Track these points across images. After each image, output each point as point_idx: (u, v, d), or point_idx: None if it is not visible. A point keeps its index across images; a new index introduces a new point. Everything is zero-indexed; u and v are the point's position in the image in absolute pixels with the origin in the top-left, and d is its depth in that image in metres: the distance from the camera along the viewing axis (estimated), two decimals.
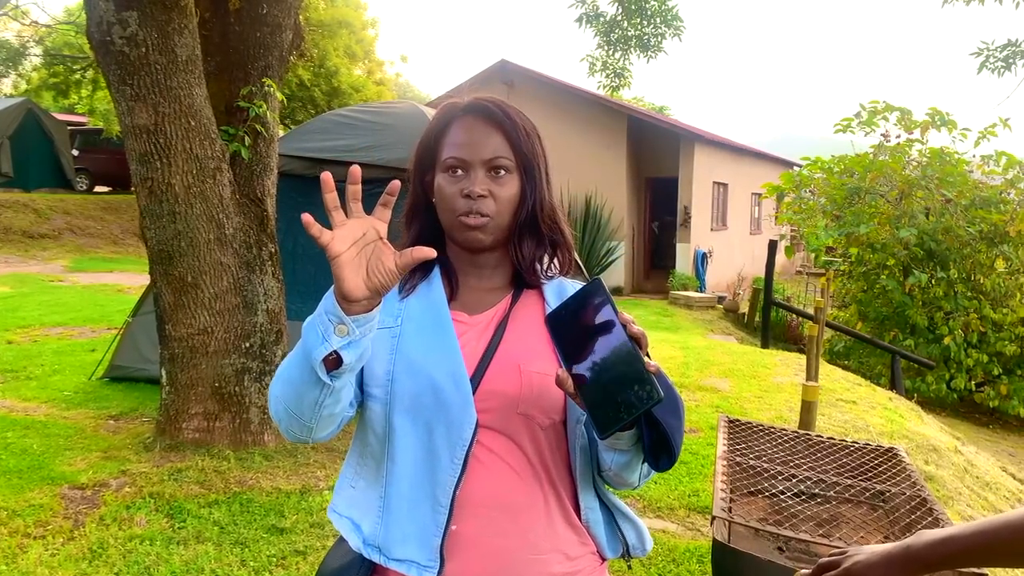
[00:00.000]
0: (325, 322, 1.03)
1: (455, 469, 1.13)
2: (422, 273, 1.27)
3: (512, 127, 1.22)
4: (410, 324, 1.20)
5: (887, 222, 10.30)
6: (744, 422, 2.35)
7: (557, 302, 1.27)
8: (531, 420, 1.17)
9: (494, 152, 1.20)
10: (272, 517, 3.42)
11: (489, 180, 1.20)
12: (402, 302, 1.24)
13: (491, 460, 1.16)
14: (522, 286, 1.29)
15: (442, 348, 1.17)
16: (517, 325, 1.23)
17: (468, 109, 1.24)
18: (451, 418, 1.13)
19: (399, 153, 5.37)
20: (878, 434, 5.52)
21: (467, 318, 1.23)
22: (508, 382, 1.16)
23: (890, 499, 1.82)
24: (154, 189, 3.80)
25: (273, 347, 4.25)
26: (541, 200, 1.25)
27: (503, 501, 1.16)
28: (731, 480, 1.86)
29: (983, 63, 6.86)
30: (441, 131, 1.25)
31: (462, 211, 1.19)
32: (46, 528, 3.22)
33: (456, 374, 1.15)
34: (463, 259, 1.28)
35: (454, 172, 1.21)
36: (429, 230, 1.28)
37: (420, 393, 1.15)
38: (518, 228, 1.25)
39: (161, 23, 3.56)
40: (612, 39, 6.60)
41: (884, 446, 2.18)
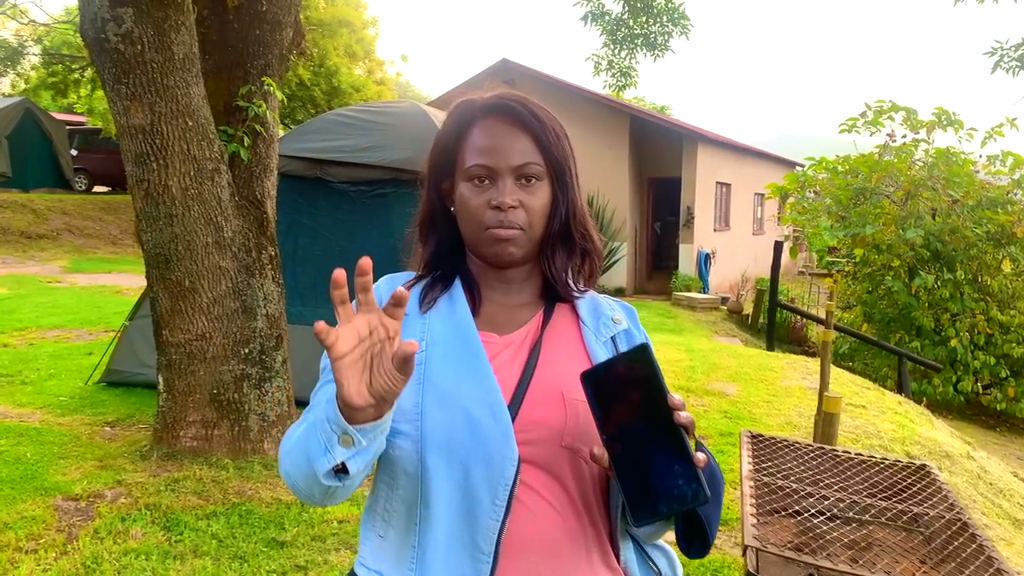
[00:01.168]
0: (328, 431, 0.91)
1: (497, 512, 1.00)
2: (443, 286, 1.15)
3: (541, 129, 1.10)
4: (436, 348, 1.08)
5: (892, 223, 10.20)
6: (767, 437, 2.24)
7: (592, 320, 1.17)
8: (576, 453, 1.05)
9: (523, 158, 1.09)
10: (272, 530, 3.32)
11: (519, 189, 1.09)
12: (424, 319, 1.11)
13: (532, 499, 1.04)
14: (553, 300, 1.17)
15: (475, 375, 1.05)
16: (553, 345, 1.12)
17: (491, 109, 1.12)
18: (490, 455, 1.01)
19: (401, 153, 5.28)
20: (890, 440, 5.42)
21: (497, 338, 1.11)
22: (551, 411, 1.05)
23: (927, 523, 1.72)
24: (150, 191, 3.69)
25: (273, 352, 4.14)
26: (574, 207, 1.15)
27: (547, 545, 1.04)
28: (758, 501, 1.76)
29: (997, 62, 6.75)
30: (461, 134, 1.13)
31: (491, 224, 1.08)
32: (38, 542, 3.12)
33: (494, 404, 1.02)
34: (487, 273, 1.16)
35: (480, 181, 1.09)
36: (448, 242, 1.17)
37: (454, 428, 1.02)
38: (550, 239, 1.14)
39: (157, 20, 3.46)
40: (618, 37, 6.50)
41: (915, 463, 2.09)
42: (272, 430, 4.13)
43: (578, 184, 1.16)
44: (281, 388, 4.19)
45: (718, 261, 16.94)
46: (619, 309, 1.22)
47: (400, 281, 1.18)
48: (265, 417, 4.10)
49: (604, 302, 1.21)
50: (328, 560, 3.09)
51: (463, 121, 1.13)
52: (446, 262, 1.17)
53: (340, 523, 3.43)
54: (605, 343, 1.15)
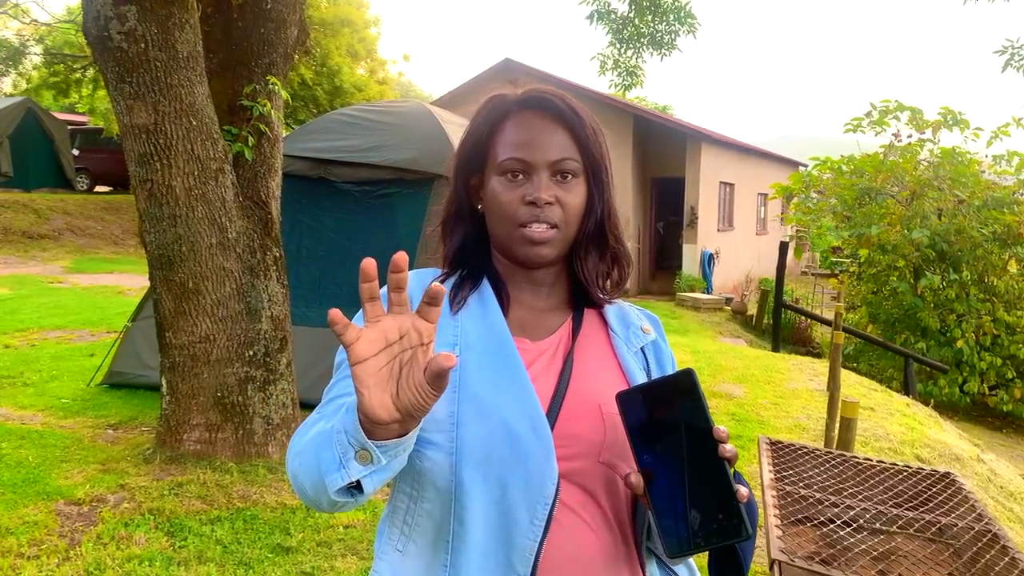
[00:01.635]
0: (344, 444, 0.82)
1: (536, 532, 0.94)
2: (471, 284, 1.09)
3: (579, 124, 1.05)
4: (471, 354, 1.01)
5: (898, 223, 10.15)
6: (786, 444, 2.20)
7: (622, 329, 1.12)
8: (613, 470, 1.00)
9: (561, 153, 1.04)
10: (277, 535, 3.27)
11: (555, 185, 1.04)
12: (455, 321, 1.05)
13: (568, 518, 0.98)
14: (582, 306, 1.12)
15: (514, 385, 0.99)
16: (585, 356, 1.07)
17: (527, 103, 1.07)
18: (530, 472, 0.95)
19: (405, 153, 5.23)
20: (899, 443, 5.37)
21: (530, 345, 1.06)
22: (588, 425, 0.99)
23: (956, 534, 1.67)
24: (154, 191, 3.64)
25: (278, 355, 4.10)
26: (609, 208, 1.10)
27: (583, 566, 0.98)
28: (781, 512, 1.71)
29: (1008, 61, 6.70)
30: (494, 128, 1.08)
31: (524, 220, 1.02)
32: (40, 547, 3.07)
33: (535, 418, 0.96)
34: (516, 274, 1.11)
35: (513, 176, 1.04)
36: (473, 240, 1.12)
37: (493, 442, 0.96)
38: (583, 239, 1.08)
39: (161, 18, 3.41)
40: (624, 36, 6.45)
41: (939, 471, 2.04)
42: (277, 433, 4.08)
43: (612, 184, 1.12)
44: (286, 391, 4.14)
45: (722, 261, 16.89)
46: (646, 319, 1.18)
47: (428, 277, 1.13)
48: (270, 420, 4.05)
49: (631, 311, 1.17)
50: (335, 567, 3.04)
51: (496, 115, 1.08)
52: (471, 261, 1.12)
53: (346, 528, 3.38)
54: (636, 353, 1.11)
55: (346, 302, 5.20)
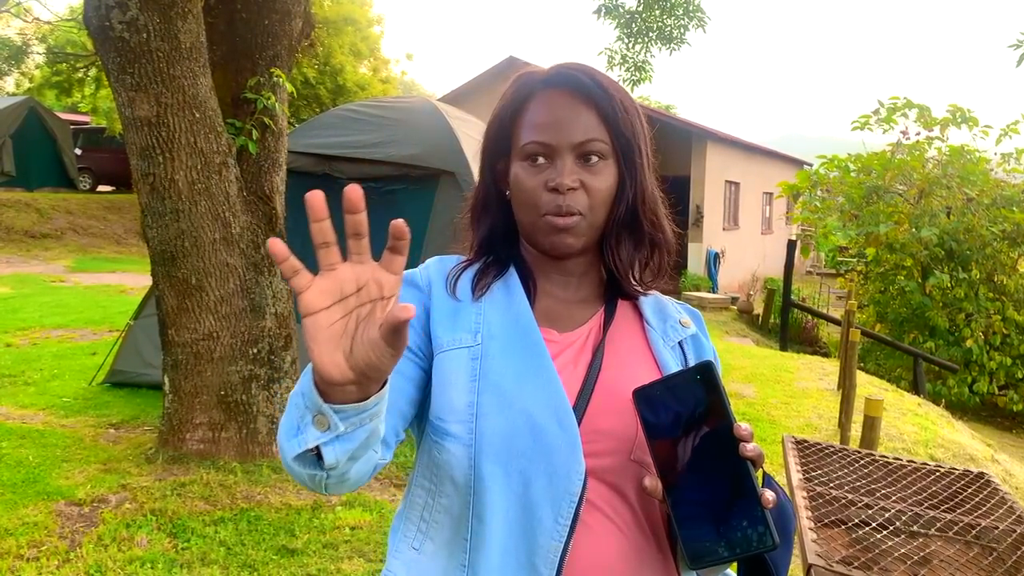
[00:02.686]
0: (301, 407, 0.75)
1: (560, 532, 0.88)
2: (496, 271, 1.02)
3: (608, 101, 0.97)
4: (494, 342, 0.95)
5: (906, 221, 10.06)
6: (811, 443, 2.12)
7: (659, 322, 1.04)
8: (645, 468, 0.92)
9: (585, 134, 0.96)
10: (282, 537, 3.19)
11: (580, 168, 0.96)
12: (478, 307, 0.98)
13: (595, 519, 0.91)
14: (615, 297, 1.05)
15: (539, 376, 0.92)
16: (617, 348, 0.99)
17: (551, 81, 0.99)
18: (555, 467, 0.88)
19: (411, 149, 5.15)
20: (913, 443, 5.29)
21: (557, 336, 0.99)
22: (619, 420, 0.92)
23: (997, 538, 1.58)
24: (156, 185, 3.57)
25: (282, 353, 4.02)
26: (643, 192, 1.01)
27: (611, 570, 0.91)
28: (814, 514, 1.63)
29: (1023, 55, 6.62)
30: (518, 109, 1.00)
31: (548, 209, 0.95)
32: (40, 549, 3.00)
33: (560, 409, 0.90)
34: (543, 263, 1.04)
35: (535, 160, 0.96)
36: (501, 228, 1.04)
37: (514, 434, 0.90)
38: (614, 227, 1.01)
39: (163, 7, 3.33)
40: (632, 31, 6.37)
41: (973, 471, 1.96)
42: None
43: (651, 166, 1.04)
44: (290, 389, 4.06)
45: (727, 261, 16.80)
46: (686, 313, 1.10)
47: (450, 263, 1.06)
48: (274, 419, 3.98)
49: (670, 304, 1.10)
50: (340, 569, 2.97)
51: (521, 95, 1.01)
52: (499, 249, 1.05)
53: (352, 530, 3.30)
54: (673, 348, 1.03)
55: None
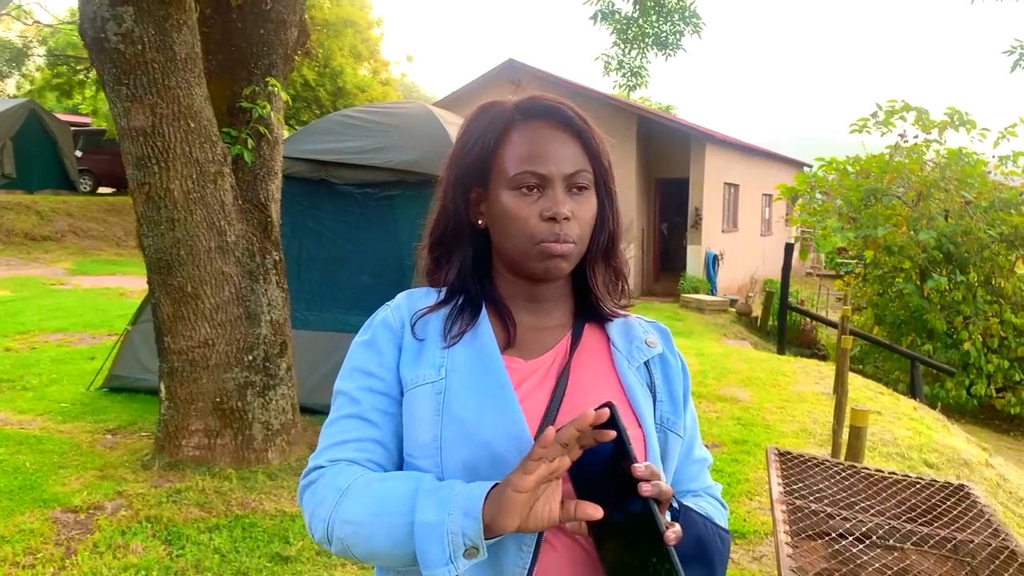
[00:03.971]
0: (458, 541, 0.85)
1: (524, 559, 0.91)
2: (469, 317, 1.04)
3: (589, 134, 1.01)
4: (456, 376, 0.98)
5: (904, 224, 10.08)
6: (795, 455, 2.14)
7: (625, 343, 1.07)
8: None
9: (575, 165, 0.99)
10: (276, 544, 3.22)
11: (570, 199, 0.99)
12: (446, 351, 1.01)
13: (561, 542, 0.94)
14: (582, 321, 1.08)
15: (499, 406, 0.95)
16: (581, 372, 1.02)
17: (532, 112, 1.02)
18: None
19: (408, 155, 5.18)
20: (907, 447, 5.30)
21: (522, 364, 1.01)
22: None
23: (973, 551, 1.61)
24: (152, 195, 3.59)
25: (277, 359, 4.05)
26: (619, 220, 1.06)
27: None
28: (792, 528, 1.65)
29: (1017, 61, 6.63)
30: (498, 140, 1.02)
31: (545, 237, 0.97)
32: (35, 556, 3.03)
33: (521, 440, 0.93)
34: (518, 292, 1.06)
35: (529, 190, 0.99)
36: (471, 260, 1.07)
37: (477, 466, 0.93)
38: (596, 253, 1.05)
39: (159, 19, 3.36)
40: (628, 36, 6.39)
41: (953, 483, 1.98)
42: (276, 439, 4.03)
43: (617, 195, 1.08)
44: (286, 396, 4.09)
45: (726, 262, 16.82)
46: (653, 331, 1.13)
47: (421, 300, 1.08)
48: (269, 426, 4.00)
49: (637, 323, 1.12)
50: None
51: (499, 125, 1.03)
52: (472, 284, 1.06)
53: None
54: (638, 368, 1.06)
55: (347, 306, 5.16)
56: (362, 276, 5.18)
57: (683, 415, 1.07)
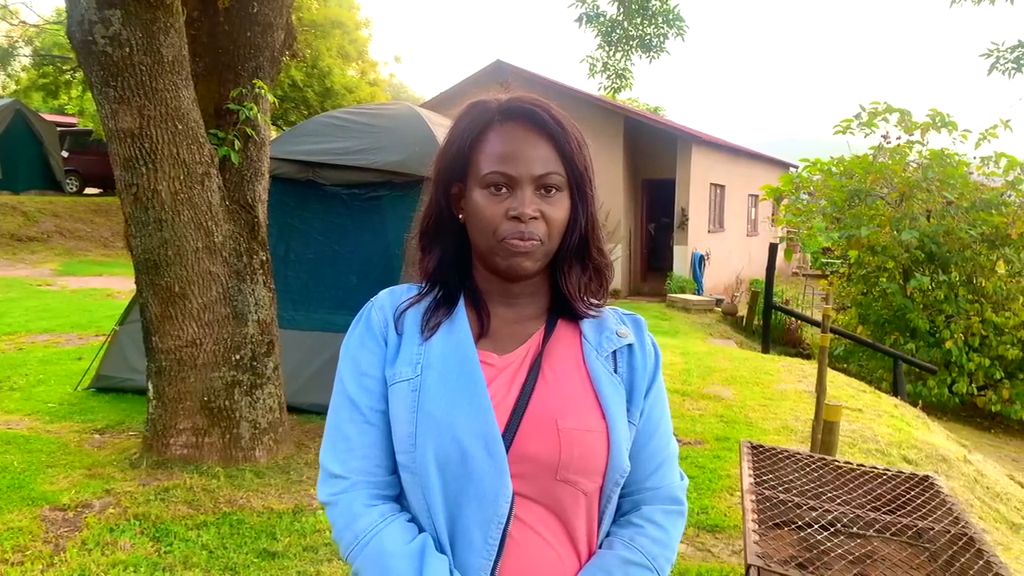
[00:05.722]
0: None
1: (489, 551, 0.96)
2: (447, 309, 1.08)
3: (564, 137, 1.05)
4: (431, 372, 1.02)
5: (887, 224, 10.19)
6: (767, 448, 2.21)
7: (595, 335, 1.11)
8: (573, 486, 1.01)
9: (545, 167, 1.03)
10: (263, 540, 3.26)
11: (539, 199, 1.03)
12: (424, 345, 1.05)
13: (525, 536, 0.99)
14: (556, 316, 1.12)
15: (470, 403, 1.00)
16: (552, 366, 1.07)
17: (511, 113, 1.06)
18: (483, 491, 0.97)
19: (395, 156, 5.23)
20: (886, 444, 5.39)
21: (496, 359, 1.06)
22: (544, 443, 1.00)
23: (933, 537, 1.68)
24: (139, 196, 3.63)
25: (264, 359, 4.09)
26: (593, 221, 1.09)
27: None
28: (759, 516, 1.72)
29: (993, 64, 6.74)
30: (476, 138, 1.06)
31: (508, 234, 1.02)
32: (24, 554, 3.06)
33: (489, 437, 0.97)
34: (494, 287, 1.10)
35: (497, 189, 1.03)
36: (453, 252, 1.11)
37: (448, 461, 0.98)
38: (567, 253, 1.08)
39: (146, 22, 3.39)
40: (613, 39, 6.46)
41: (918, 474, 2.05)
42: (264, 437, 4.07)
43: (596, 196, 1.11)
44: (273, 395, 4.13)
45: (712, 263, 16.93)
46: (627, 321, 1.16)
47: (401, 295, 1.13)
48: (257, 424, 4.04)
49: (612, 315, 1.16)
50: (320, 572, 3.04)
51: (479, 124, 1.07)
52: (451, 275, 1.11)
53: None
54: (606, 358, 1.10)
55: (334, 306, 5.21)
56: (349, 276, 5.22)
57: (641, 404, 1.10)
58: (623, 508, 1.10)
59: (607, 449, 1.02)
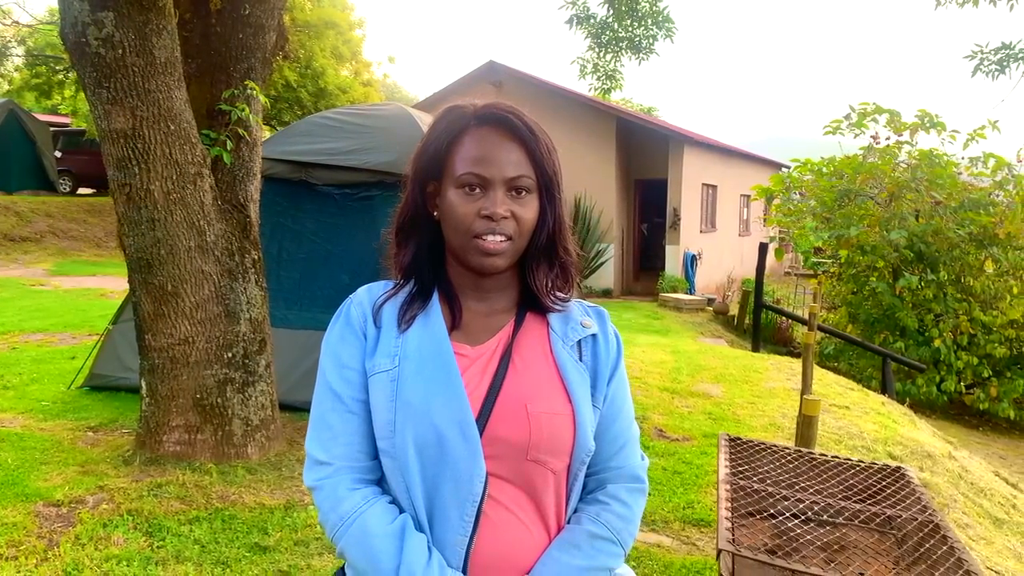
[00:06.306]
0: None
1: (465, 528, 1.04)
2: (421, 302, 1.15)
3: (534, 142, 1.11)
4: (408, 363, 1.09)
5: (877, 224, 10.28)
6: (745, 440, 2.27)
7: (561, 326, 1.18)
8: (543, 466, 1.08)
9: (516, 170, 1.10)
10: (255, 535, 3.31)
11: (509, 200, 1.10)
12: (400, 338, 1.12)
13: (500, 515, 1.07)
14: (526, 309, 1.19)
15: (446, 391, 1.06)
16: (521, 355, 1.14)
17: (485, 119, 1.13)
18: (459, 473, 1.04)
19: (386, 156, 5.28)
20: (872, 441, 5.46)
21: (469, 350, 1.13)
22: (515, 427, 1.07)
23: (900, 525, 1.74)
24: (132, 195, 3.67)
25: (256, 357, 4.13)
26: (560, 222, 1.16)
27: (515, 562, 1.07)
28: (734, 505, 1.77)
29: (977, 66, 6.82)
30: (452, 140, 1.13)
31: (480, 232, 1.09)
32: (18, 548, 3.10)
33: (463, 422, 1.04)
34: (467, 282, 1.17)
35: (471, 189, 1.10)
36: (427, 247, 1.18)
37: (425, 445, 1.05)
38: (535, 251, 1.15)
39: (138, 24, 3.44)
40: (603, 41, 6.52)
41: (891, 466, 2.11)
42: (256, 434, 4.12)
43: (563, 199, 1.18)
44: (265, 392, 4.18)
45: (704, 262, 17.01)
46: (591, 313, 1.23)
47: (378, 290, 1.19)
48: (249, 421, 4.09)
49: (577, 307, 1.22)
50: (311, 565, 3.09)
51: (455, 128, 1.13)
52: (426, 269, 1.17)
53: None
54: (572, 347, 1.17)
55: (327, 305, 5.25)
56: (341, 275, 5.26)
57: (604, 390, 1.17)
58: (589, 487, 1.17)
59: (573, 430, 1.08)
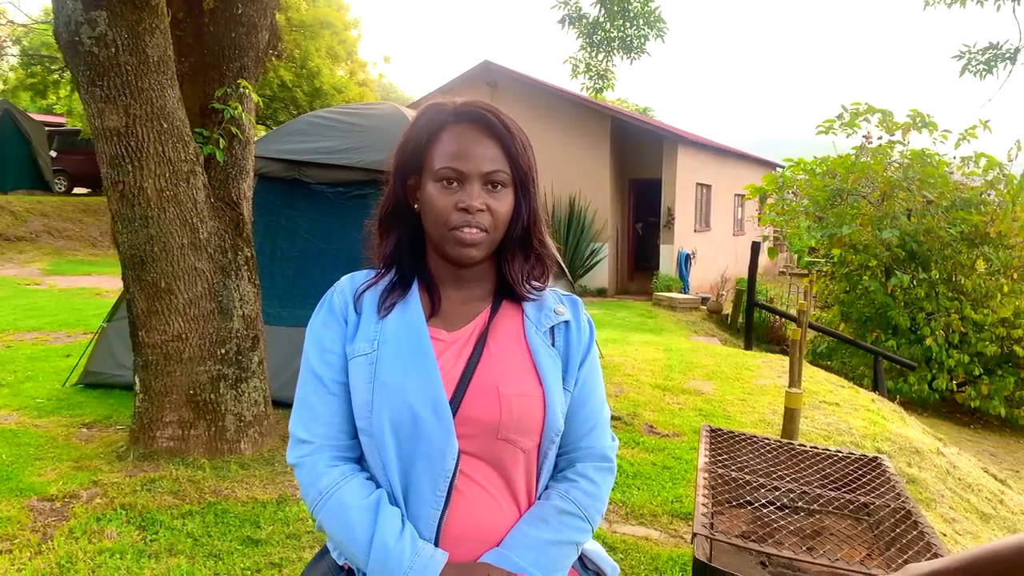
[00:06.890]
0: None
1: (437, 502, 1.09)
2: (401, 290, 1.21)
3: (510, 139, 1.17)
4: (387, 347, 1.15)
5: (869, 223, 10.34)
6: (726, 432, 2.31)
7: (535, 313, 1.24)
8: (513, 444, 1.13)
9: (492, 165, 1.15)
10: (247, 528, 3.34)
11: (485, 194, 1.15)
12: (380, 323, 1.18)
13: (472, 490, 1.12)
14: (502, 297, 1.24)
15: (421, 372, 1.12)
16: (496, 340, 1.19)
17: (463, 116, 1.18)
18: (432, 450, 1.09)
19: (379, 155, 5.31)
20: (861, 436, 5.51)
21: (446, 335, 1.18)
22: (487, 407, 1.12)
23: (874, 511, 1.78)
24: (126, 193, 3.71)
25: (249, 353, 4.17)
26: (535, 215, 1.21)
27: (485, 534, 1.12)
28: (713, 492, 1.82)
29: (965, 66, 6.88)
30: (431, 136, 1.18)
31: (457, 224, 1.14)
32: (13, 542, 3.13)
33: (436, 402, 1.10)
34: (445, 271, 1.22)
35: (448, 183, 1.15)
36: (408, 238, 1.23)
37: (400, 423, 1.10)
38: (511, 243, 1.20)
39: (131, 23, 3.47)
40: (595, 40, 6.57)
41: (868, 456, 2.15)
42: (249, 430, 4.15)
43: (538, 194, 1.23)
44: (258, 388, 4.22)
45: (698, 261, 17.07)
46: (565, 301, 1.28)
47: (360, 279, 1.24)
48: (242, 417, 4.13)
49: (551, 295, 1.27)
50: (303, 558, 3.12)
51: (435, 124, 1.18)
52: (406, 259, 1.23)
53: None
54: (544, 334, 1.22)
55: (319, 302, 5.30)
56: (334, 273, 5.18)
57: (575, 374, 1.22)
58: (560, 465, 1.22)
59: (543, 411, 1.13)
